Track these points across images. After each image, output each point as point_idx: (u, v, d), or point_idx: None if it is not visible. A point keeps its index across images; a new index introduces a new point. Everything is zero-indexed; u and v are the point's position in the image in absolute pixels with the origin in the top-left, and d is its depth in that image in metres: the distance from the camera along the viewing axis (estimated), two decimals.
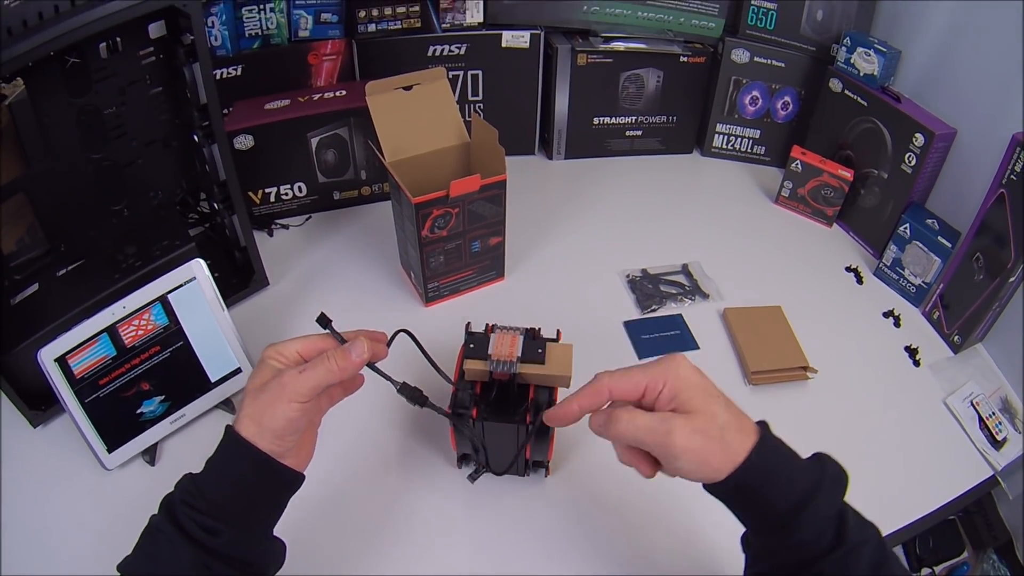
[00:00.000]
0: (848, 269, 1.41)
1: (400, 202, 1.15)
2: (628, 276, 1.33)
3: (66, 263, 1.05)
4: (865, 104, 1.42)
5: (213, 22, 1.33)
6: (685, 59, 1.55)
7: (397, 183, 1.11)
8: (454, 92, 1.49)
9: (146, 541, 0.67)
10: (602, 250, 1.41)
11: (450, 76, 1.44)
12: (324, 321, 0.75)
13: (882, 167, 1.40)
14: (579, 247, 1.42)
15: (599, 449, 1.00)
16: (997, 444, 1.11)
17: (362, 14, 1.42)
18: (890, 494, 0.83)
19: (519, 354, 0.85)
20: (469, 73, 1.53)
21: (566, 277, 1.34)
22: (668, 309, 1.27)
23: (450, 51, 1.49)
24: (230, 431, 0.69)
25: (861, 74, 1.42)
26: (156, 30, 1.03)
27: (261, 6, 1.37)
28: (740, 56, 1.57)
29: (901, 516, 1.00)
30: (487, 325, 0.92)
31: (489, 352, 0.85)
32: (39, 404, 1.01)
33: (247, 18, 1.37)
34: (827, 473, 0.64)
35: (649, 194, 1.59)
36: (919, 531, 1.03)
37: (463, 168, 1.27)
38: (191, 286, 0.98)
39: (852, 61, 1.43)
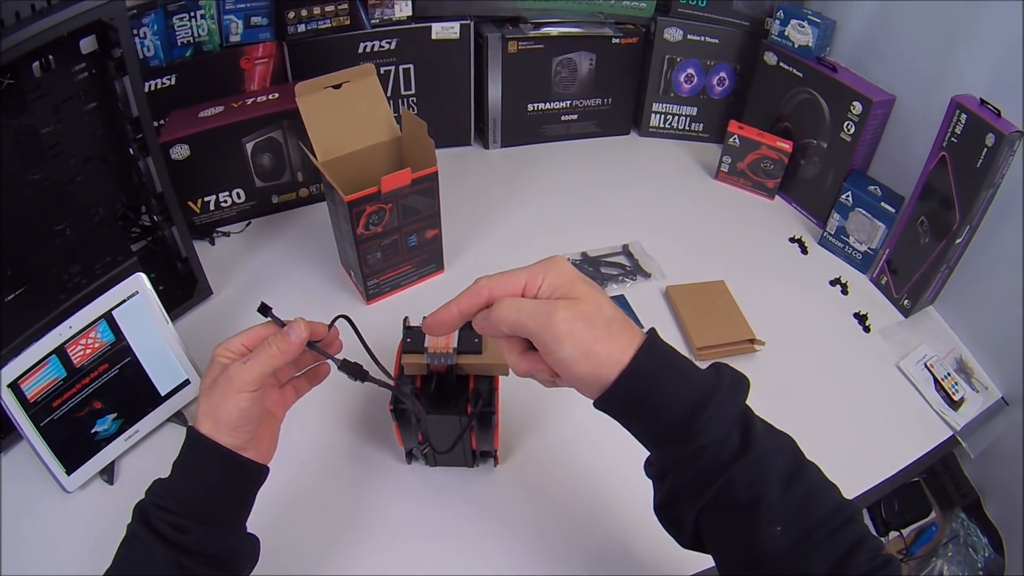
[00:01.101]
0: (792, 240, 1.41)
1: (334, 201, 1.14)
2: (568, 260, 1.30)
3: (13, 288, 1.03)
4: (801, 75, 1.42)
5: (145, 32, 1.31)
6: (617, 40, 1.54)
7: (330, 182, 1.10)
8: (386, 88, 1.50)
9: (124, 550, 0.67)
10: (542, 236, 1.40)
11: (382, 72, 1.45)
12: (264, 309, 0.74)
13: (821, 137, 1.40)
14: (519, 235, 1.41)
15: (547, 435, 1.03)
16: (954, 404, 1.12)
17: (291, 15, 1.40)
18: (849, 460, 0.83)
19: (455, 345, 0.84)
20: (401, 67, 1.51)
21: (506, 264, 1.23)
22: (610, 291, 1.26)
23: (380, 47, 1.47)
24: (190, 430, 0.69)
25: (796, 46, 1.41)
26: (87, 45, 1.01)
27: (192, 14, 1.35)
28: (673, 34, 1.57)
29: (862, 481, 1.01)
30: (424, 317, 0.89)
31: (426, 345, 0.85)
32: None
33: (178, 27, 1.35)
34: (724, 375, 0.61)
35: (587, 177, 1.58)
36: (883, 495, 1.04)
37: (396, 163, 1.25)
38: (134, 300, 0.97)
39: (786, 33, 1.42)
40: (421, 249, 1.24)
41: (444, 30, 1.48)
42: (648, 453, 0.65)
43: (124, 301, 0.96)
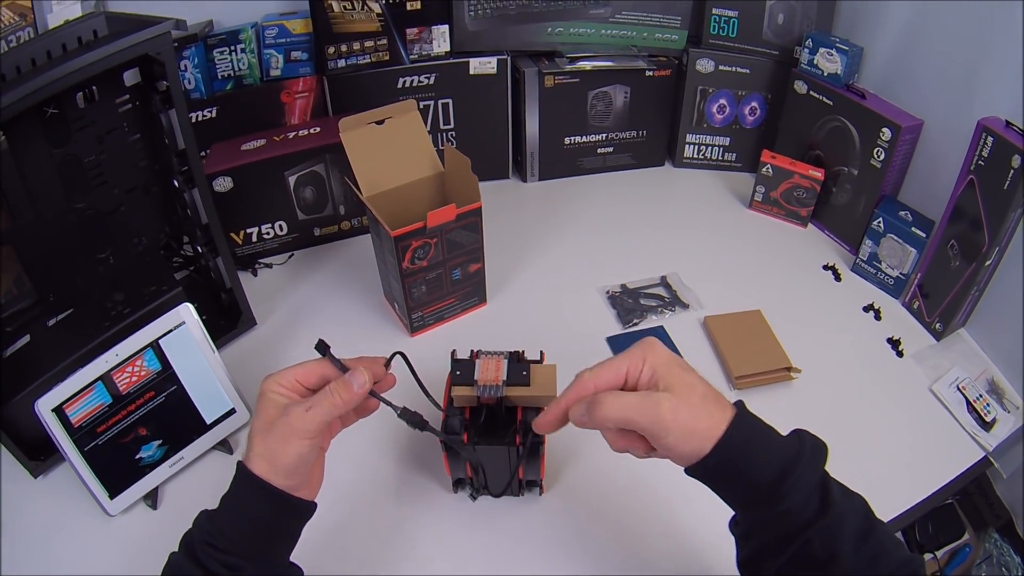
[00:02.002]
0: (825, 267, 1.42)
1: (379, 235, 1.16)
2: (608, 292, 1.35)
3: (56, 313, 1.05)
4: (831, 103, 1.44)
5: (186, 66, 1.35)
6: (651, 73, 1.57)
7: (375, 217, 1.12)
8: (426, 122, 1.52)
9: None
10: (581, 268, 1.42)
11: (421, 107, 1.44)
12: (323, 348, 0.75)
13: (852, 164, 1.42)
14: (558, 267, 1.42)
15: (590, 464, 1.04)
16: (986, 425, 1.12)
17: (331, 51, 1.43)
18: (884, 483, 0.84)
19: (504, 378, 0.85)
20: (440, 102, 1.54)
21: (547, 297, 1.35)
22: (649, 322, 1.28)
23: (419, 82, 1.51)
24: (243, 469, 0.70)
25: (825, 74, 1.43)
26: (131, 78, 1.03)
27: (232, 47, 1.40)
28: (705, 66, 1.59)
29: (897, 504, 1.01)
30: (472, 351, 0.92)
31: (475, 378, 0.86)
32: (38, 454, 1.01)
33: (219, 60, 1.40)
34: (806, 443, 0.65)
35: (624, 209, 1.60)
36: (916, 517, 1.04)
37: (439, 198, 1.27)
38: (181, 330, 0.99)
39: (815, 62, 1.44)
40: (465, 283, 1.26)
41: (482, 65, 1.51)
42: (732, 513, 0.70)
43: (171, 331, 0.98)
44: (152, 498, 0.99)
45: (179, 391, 1.00)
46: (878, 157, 1.35)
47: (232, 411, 1.06)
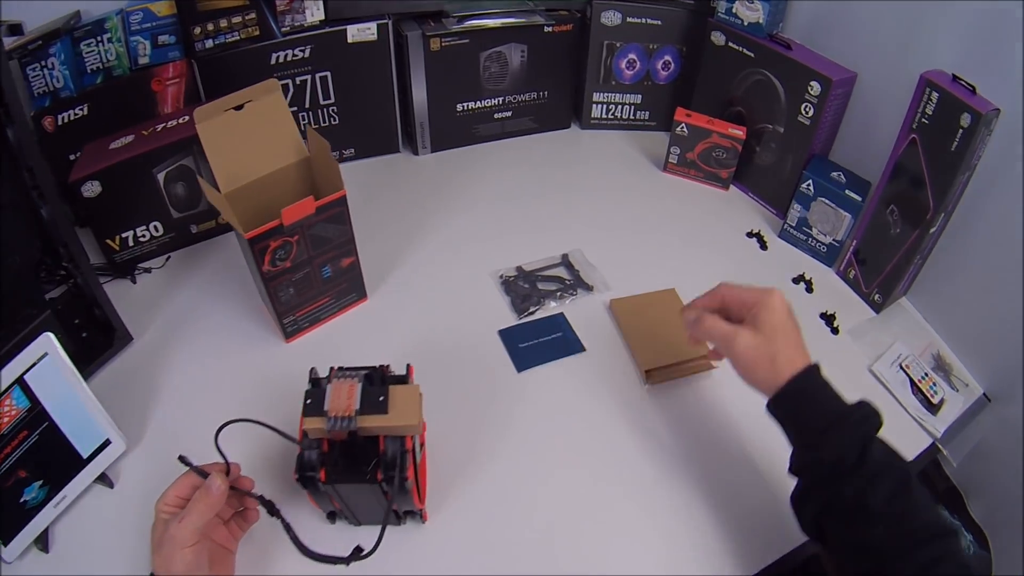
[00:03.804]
0: (750, 234, 1.33)
1: (239, 237, 1.04)
2: (502, 277, 1.21)
3: None
4: (752, 55, 1.33)
5: (52, 63, 1.26)
6: (550, 29, 1.44)
7: (228, 217, 1.00)
8: (304, 98, 1.42)
9: None
10: (475, 250, 1.30)
11: (298, 82, 1.37)
12: (186, 461, 0.81)
13: (777, 121, 1.31)
14: (450, 249, 1.31)
15: (478, 486, 0.96)
16: (933, 408, 1.05)
17: (197, 31, 1.31)
18: None
19: (357, 407, 0.77)
20: (318, 76, 1.41)
21: (436, 286, 1.23)
22: (547, 309, 1.15)
23: (294, 55, 1.37)
24: None
25: (745, 23, 1.32)
26: None
27: (99, 38, 1.29)
28: (611, 18, 1.47)
29: None
30: (331, 368, 0.84)
31: (325, 408, 0.77)
32: None
33: (87, 53, 1.29)
34: (858, 410, 0.76)
35: (526, 179, 1.49)
36: None
37: (307, 188, 1.14)
38: (44, 362, 0.94)
39: (734, 11, 1.33)
40: (338, 279, 1.13)
41: (360, 32, 1.37)
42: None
43: (35, 364, 0.93)
44: (43, 541, 0.94)
45: (52, 428, 0.95)
46: (806, 113, 1.25)
47: (107, 442, 0.99)
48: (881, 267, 1.15)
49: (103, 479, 0.99)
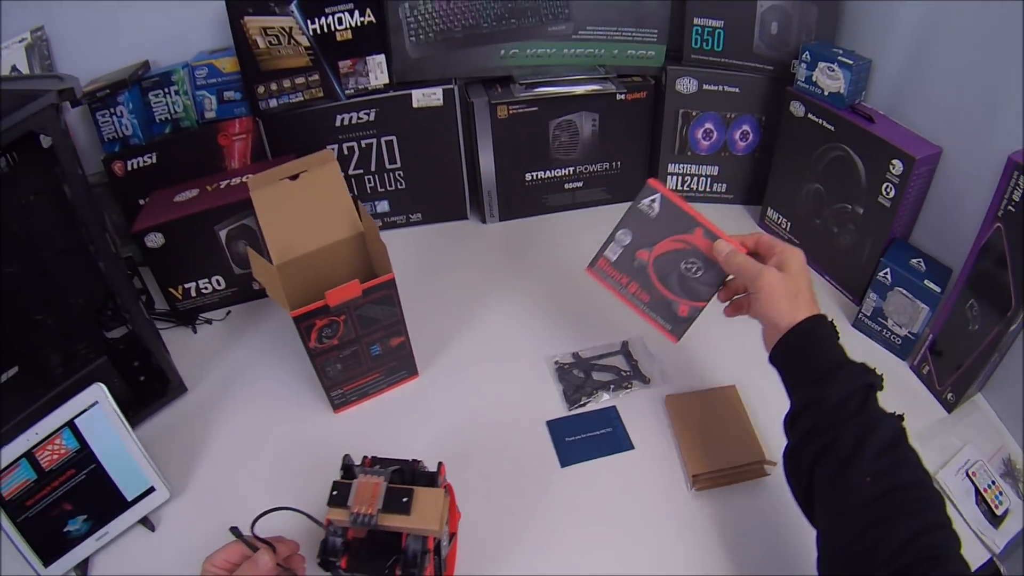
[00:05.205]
0: None
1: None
2: (557, 363, 1.17)
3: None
4: (832, 128, 1.25)
5: (122, 111, 1.33)
6: (622, 97, 1.41)
7: (273, 294, 1.00)
8: (369, 161, 1.43)
9: None
10: (533, 329, 1.27)
11: (363, 145, 1.38)
12: (237, 532, 0.83)
13: (857, 201, 1.23)
14: (507, 329, 1.28)
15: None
16: (996, 520, 0.98)
17: (261, 90, 1.34)
18: None
19: (380, 506, 0.79)
20: (383, 139, 1.41)
21: (489, 368, 1.20)
22: (599, 401, 1.11)
23: (359, 118, 1.38)
24: None
25: (825, 93, 1.24)
26: (47, 140, 0.98)
27: (166, 90, 1.35)
28: (686, 86, 1.42)
29: None
30: (364, 458, 0.87)
31: (349, 503, 0.79)
32: None
33: (155, 103, 1.36)
34: (861, 363, 0.79)
35: (592, 251, 1.42)
36: None
37: (361, 262, 1.13)
38: (94, 410, 0.98)
39: (814, 79, 1.26)
40: (387, 357, 1.12)
41: (426, 97, 1.37)
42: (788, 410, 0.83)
43: (85, 410, 0.98)
44: (82, 568, 1.00)
45: (98, 469, 1.00)
46: (887, 194, 1.17)
47: (151, 489, 1.04)
48: (957, 364, 1.07)
49: (145, 522, 1.03)
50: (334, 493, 0.80)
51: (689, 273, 0.98)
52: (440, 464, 0.85)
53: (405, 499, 0.79)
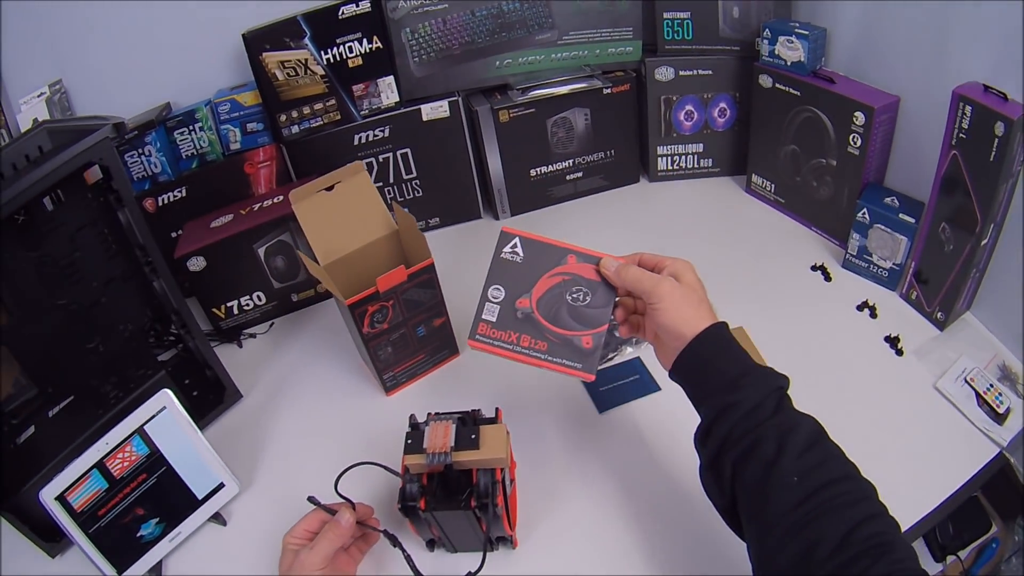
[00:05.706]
0: (814, 268, 1.36)
1: (339, 304, 1.14)
2: None
3: (56, 403, 1.09)
4: (798, 94, 1.36)
5: (149, 151, 1.39)
6: (608, 91, 1.52)
7: (329, 286, 1.10)
8: (387, 174, 1.52)
9: None
10: None
11: (380, 159, 1.47)
12: (315, 501, 0.93)
13: (829, 155, 1.35)
14: None
15: (565, 514, 1.02)
16: (999, 418, 1.05)
17: (283, 119, 1.44)
18: (895, 492, 0.76)
19: (452, 444, 0.86)
20: (398, 153, 1.52)
21: None
22: (624, 355, 1.22)
23: (375, 136, 1.49)
24: None
25: (788, 63, 1.36)
26: (93, 175, 1.05)
27: (191, 127, 1.43)
28: (664, 74, 1.54)
29: (911, 513, 0.95)
30: (428, 414, 0.92)
31: (424, 446, 0.86)
32: (52, 537, 1.05)
33: (181, 141, 1.43)
34: (768, 367, 0.79)
35: (600, 233, 1.54)
36: (935, 523, 0.98)
37: (397, 256, 1.25)
38: (163, 415, 1.03)
39: (777, 52, 1.37)
40: (431, 338, 1.23)
41: (434, 110, 1.49)
42: (696, 430, 0.81)
43: (154, 416, 1.03)
44: (157, 571, 1.04)
45: (169, 471, 1.05)
46: (855, 144, 1.28)
47: (221, 485, 1.09)
48: (941, 285, 1.16)
49: (216, 518, 1.09)
50: (409, 442, 0.87)
51: (578, 303, 0.89)
52: (497, 409, 0.93)
53: (473, 436, 0.86)
